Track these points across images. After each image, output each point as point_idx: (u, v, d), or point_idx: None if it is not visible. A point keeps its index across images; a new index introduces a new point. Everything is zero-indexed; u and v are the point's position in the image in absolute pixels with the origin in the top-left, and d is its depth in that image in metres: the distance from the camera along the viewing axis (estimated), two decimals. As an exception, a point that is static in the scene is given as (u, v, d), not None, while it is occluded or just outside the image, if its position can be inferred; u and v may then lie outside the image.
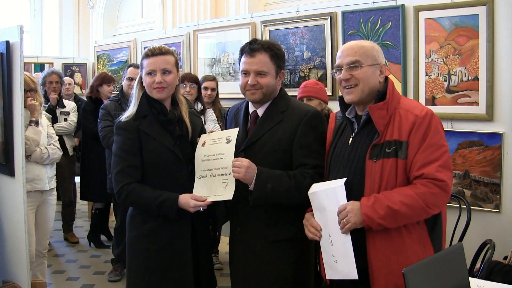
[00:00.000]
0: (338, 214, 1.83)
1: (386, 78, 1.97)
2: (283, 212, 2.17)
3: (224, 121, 2.53)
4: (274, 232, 2.19)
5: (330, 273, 1.96)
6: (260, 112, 2.26)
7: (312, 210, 2.02)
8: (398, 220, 1.78)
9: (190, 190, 2.18)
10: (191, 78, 3.96)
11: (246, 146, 2.20)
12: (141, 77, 2.29)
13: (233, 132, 2.18)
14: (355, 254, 1.83)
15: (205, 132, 2.38)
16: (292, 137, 2.15)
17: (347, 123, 2.01)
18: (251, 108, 2.30)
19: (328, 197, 1.90)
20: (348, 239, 1.84)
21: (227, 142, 2.15)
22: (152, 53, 2.23)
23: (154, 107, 2.24)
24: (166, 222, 2.19)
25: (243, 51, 2.24)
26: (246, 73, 2.20)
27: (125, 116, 2.26)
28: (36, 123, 3.38)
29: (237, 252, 2.30)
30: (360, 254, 1.85)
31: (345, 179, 1.87)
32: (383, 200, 1.77)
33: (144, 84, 2.26)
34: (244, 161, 2.07)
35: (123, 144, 2.20)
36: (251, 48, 2.19)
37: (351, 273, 1.84)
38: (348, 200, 1.83)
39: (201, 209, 2.13)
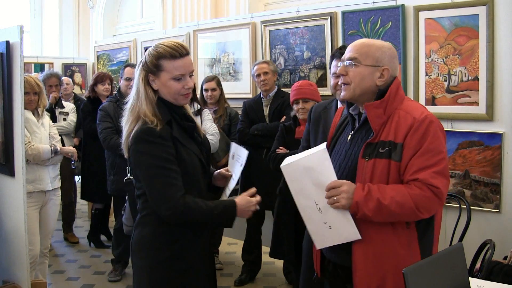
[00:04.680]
0: (329, 188, 1.78)
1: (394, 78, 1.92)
2: None
3: (308, 118, 2.71)
4: None
5: (322, 242, 1.92)
6: None
7: None
8: (385, 216, 1.75)
9: (207, 199, 1.99)
10: None
11: None
12: (146, 77, 1.95)
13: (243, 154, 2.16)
14: (343, 249, 1.85)
15: None
16: None
17: (350, 119, 2.00)
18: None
19: (310, 164, 1.84)
20: None
21: (241, 165, 2.14)
22: (180, 53, 1.91)
23: (176, 112, 1.98)
24: (193, 240, 1.99)
25: (334, 56, 2.54)
26: (337, 75, 2.37)
27: (133, 119, 1.94)
28: (55, 152, 3.51)
29: None
30: (347, 251, 1.86)
31: (325, 143, 1.88)
32: (375, 192, 1.75)
33: (165, 91, 1.95)
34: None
35: (163, 152, 1.87)
36: (341, 52, 2.40)
37: (354, 234, 1.81)
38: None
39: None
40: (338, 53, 2.43)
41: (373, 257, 1.81)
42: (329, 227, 1.87)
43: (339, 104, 2.49)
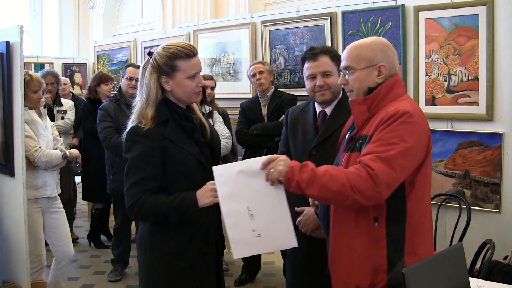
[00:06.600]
0: (267, 163, 1.77)
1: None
2: None
3: (285, 122, 2.59)
4: None
5: (242, 250, 1.86)
6: (328, 111, 2.40)
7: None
8: (318, 188, 1.70)
9: None
10: None
11: (318, 142, 2.33)
12: (159, 79, 1.98)
13: None
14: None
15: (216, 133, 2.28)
16: None
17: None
18: (318, 108, 2.43)
19: (254, 166, 1.80)
20: (283, 206, 1.77)
21: None
22: (193, 52, 1.98)
23: (176, 112, 2.00)
24: (193, 239, 2.00)
25: (304, 58, 2.39)
26: (313, 77, 2.35)
27: (135, 120, 1.98)
28: (65, 157, 3.43)
29: None
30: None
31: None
32: (311, 165, 1.75)
33: (180, 90, 1.99)
34: None
35: (143, 153, 1.92)
36: (312, 53, 2.34)
37: (290, 241, 1.80)
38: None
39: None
40: (310, 55, 2.35)
41: (341, 255, 1.84)
42: (258, 235, 1.80)
43: (317, 106, 2.44)
